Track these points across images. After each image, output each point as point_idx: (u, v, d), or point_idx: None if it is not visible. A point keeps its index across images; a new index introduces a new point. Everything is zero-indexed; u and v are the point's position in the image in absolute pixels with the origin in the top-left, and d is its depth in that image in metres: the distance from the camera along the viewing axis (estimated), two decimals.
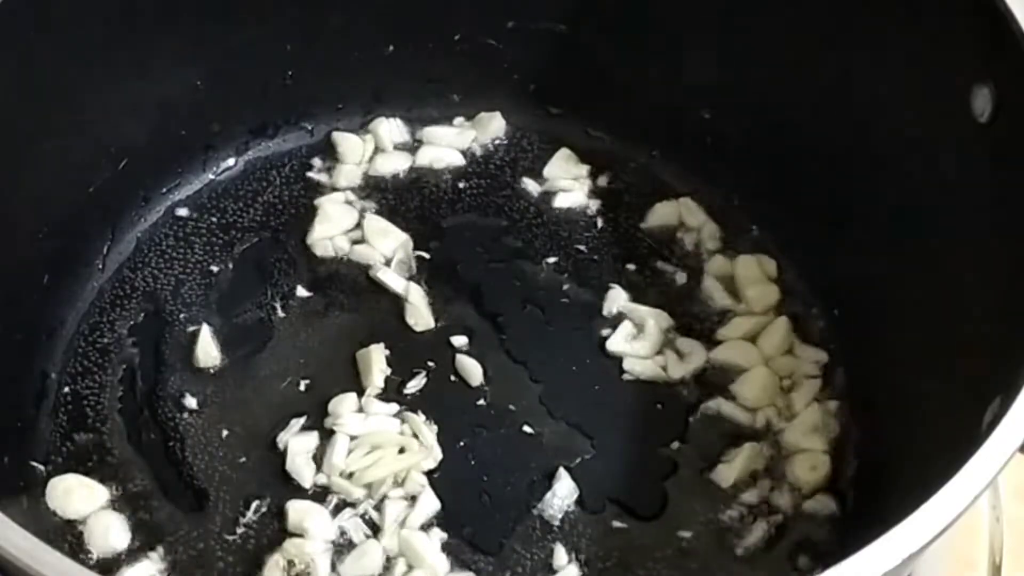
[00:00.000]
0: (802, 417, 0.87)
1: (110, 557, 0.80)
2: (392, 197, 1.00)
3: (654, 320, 0.92)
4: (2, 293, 0.83)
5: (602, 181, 1.01)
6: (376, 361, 0.89)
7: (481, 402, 0.89)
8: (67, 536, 0.81)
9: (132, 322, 0.92)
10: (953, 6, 0.74)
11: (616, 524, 0.83)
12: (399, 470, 0.84)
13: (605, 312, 0.93)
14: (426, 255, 0.96)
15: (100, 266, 0.95)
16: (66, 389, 0.89)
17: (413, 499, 0.83)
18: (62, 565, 0.54)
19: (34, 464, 0.84)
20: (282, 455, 0.85)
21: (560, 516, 0.83)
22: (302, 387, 0.89)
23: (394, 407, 0.88)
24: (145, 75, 0.91)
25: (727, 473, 0.85)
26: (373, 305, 0.94)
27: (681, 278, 0.96)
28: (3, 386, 0.84)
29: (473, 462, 0.86)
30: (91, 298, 0.93)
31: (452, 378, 0.90)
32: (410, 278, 0.94)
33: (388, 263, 0.95)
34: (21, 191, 0.83)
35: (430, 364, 0.90)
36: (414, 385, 0.89)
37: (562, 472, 0.84)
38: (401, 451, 0.85)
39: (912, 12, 0.77)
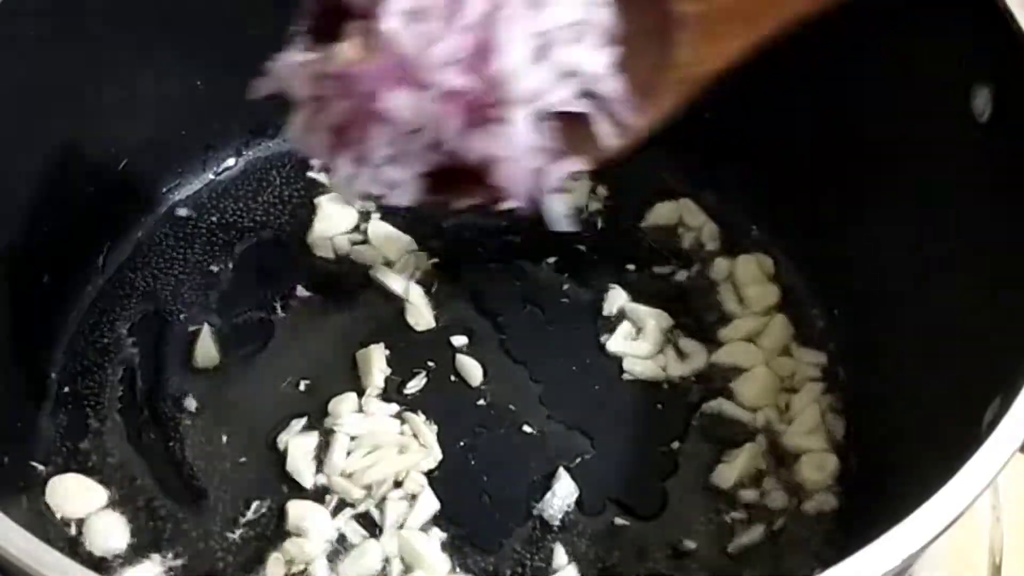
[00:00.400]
0: (802, 417, 0.87)
1: (110, 557, 0.80)
2: None
3: (654, 320, 0.92)
4: (2, 293, 0.83)
5: (602, 181, 1.01)
6: (376, 361, 0.89)
7: (481, 402, 0.89)
8: (67, 536, 0.81)
9: (132, 322, 0.92)
10: (953, 6, 0.74)
11: (616, 524, 0.83)
12: (399, 470, 0.84)
13: (605, 312, 0.93)
14: (428, 256, 0.96)
15: (100, 266, 0.95)
16: (66, 389, 0.89)
17: (413, 499, 0.83)
18: (62, 565, 0.55)
19: (34, 464, 0.84)
20: (282, 455, 0.85)
21: (560, 516, 0.83)
22: (302, 387, 0.89)
23: (394, 407, 0.88)
24: (145, 75, 0.91)
25: (727, 473, 0.85)
26: (373, 305, 0.94)
27: (681, 278, 0.96)
28: (3, 386, 0.84)
29: (473, 462, 0.86)
30: (91, 298, 0.93)
31: (452, 378, 0.90)
32: (417, 281, 0.95)
33: (390, 265, 0.95)
34: (21, 191, 0.83)
35: (430, 364, 0.90)
36: (414, 385, 0.89)
37: (562, 472, 0.84)
38: (401, 451, 0.85)
39: (912, 12, 0.77)
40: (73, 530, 0.81)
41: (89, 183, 0.91)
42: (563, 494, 0.84)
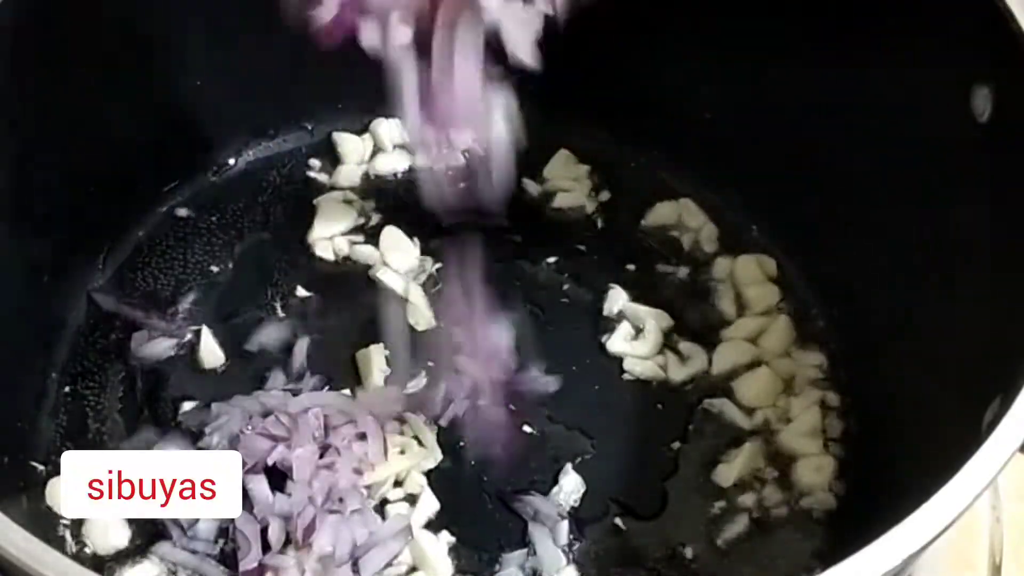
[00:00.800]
0: (801, 420, 0.87)
1: (110, 557, 0.80)
2: (392, 197, 1.00)
3: (654, 320, 0.92)
4: (3, 293, 0.83)
5: (602, 181, 1.01)
6: (376, 361, 0.89)
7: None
8: (67, 536, 0.81)
9: (132, 323, 0.92)
10: (953, 6, 0.74)
11: (616, 524, 0.83)
12: (399, 470, 0.84)
13: (605, 312, 0.93)
14: (433, 261, 0.96)
15: (100, 266, 0.95)
16: (66, 389, 0.89)
17: (413, 499, 0.83)
18: (62, 565, 0.54)
19: (34, 464, 0.84)
20: None
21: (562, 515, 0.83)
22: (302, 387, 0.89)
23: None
24: (145, 75, 0.90)
25: (727, 473, 0.85)
26: (373, 305, 0.94)
27: (681, 278, 0.96)
28: (3, 386, 0.84)
29: (473, 462, 0.86)
30: (91, 298, 0.93)
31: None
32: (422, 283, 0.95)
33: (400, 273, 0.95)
34: (22, 191, 0.83)
35: (430, 364, 0.90)
36: (414, 385, 0.89)
37: (568, 468, 0.84)
38: (401, 451, 0.85)
39: (912, 12, 0.77)
40: (73, 530, 0.81)
41: (89, 183, 0.91)
42: (569, 489, 0.83)
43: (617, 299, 0.94)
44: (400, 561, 0.80)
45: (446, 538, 0.82)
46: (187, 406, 0.87)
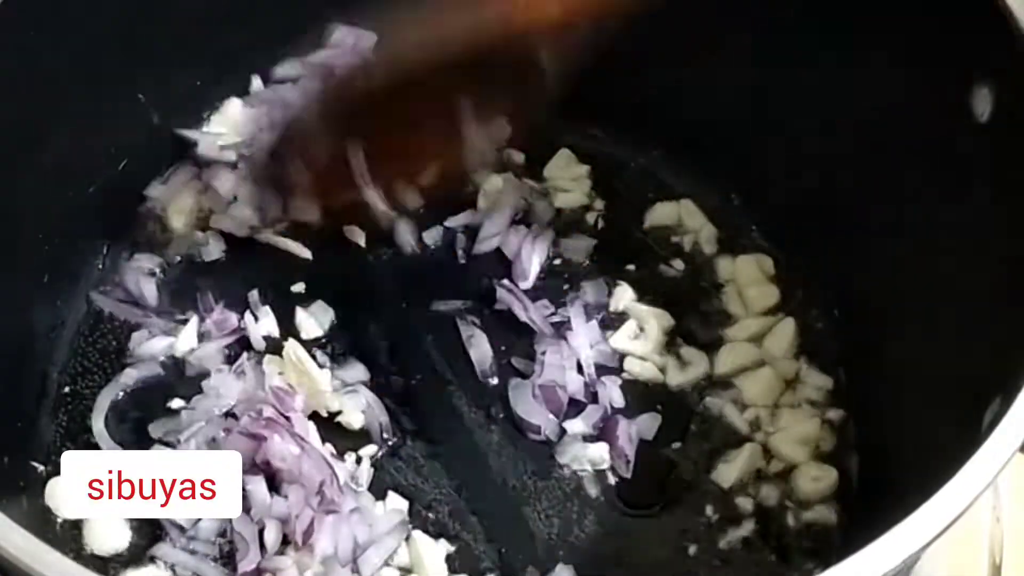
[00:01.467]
0: (796, 426, 0.87)
1: (111, 557, 0.80)
2: None
3: (655, 320, 0.92)
4: (2, 293, 0.83)
5: (602, 181, 1.01)
6: (303, 355, 0.88)
7: None
8: (67, 536, 0.81)
9: (132, 322, 0.92)
10: (953, 6, 0.74)
11: (616, 523, 0.83)
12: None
13: (611, 308, 0.93)
14: None
15: (100, 266, 0.95)
16: (66, 389, 0.89)
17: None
18: (62, 565, 0.55)
19: (34, 464, 0.84)
20: None
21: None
22: None
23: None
24: (144, 75, 0.90)
25: (727, 473, 0.85)
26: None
27: (681, 279, 0.95)
28: (3, 386, 0.84)
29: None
30: (91, 298, 0.93)
31: None
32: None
33: None
34: (22, 192, 0.83)
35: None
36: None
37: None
38: None
39: (912, 12, 0.77)
40: (73, 530, 0.81)
41: (89, 184, 0.91)
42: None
43: (619, 299, 0.93)
44: (396, 564, 0.80)
45: (445, 546, 0.82)
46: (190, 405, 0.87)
